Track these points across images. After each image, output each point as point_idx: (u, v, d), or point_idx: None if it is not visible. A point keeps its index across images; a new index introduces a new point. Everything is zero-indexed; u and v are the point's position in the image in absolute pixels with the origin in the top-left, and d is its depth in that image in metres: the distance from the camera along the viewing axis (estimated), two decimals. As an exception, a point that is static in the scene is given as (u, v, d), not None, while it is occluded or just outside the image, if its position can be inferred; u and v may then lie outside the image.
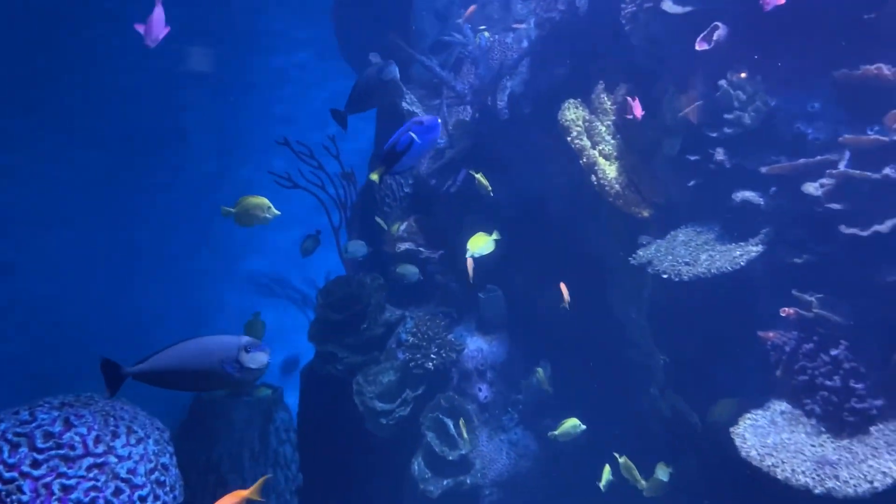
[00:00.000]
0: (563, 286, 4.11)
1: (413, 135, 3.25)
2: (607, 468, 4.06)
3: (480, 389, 4.89)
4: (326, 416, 5.23)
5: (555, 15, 4.38)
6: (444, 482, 4.56)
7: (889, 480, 2.71)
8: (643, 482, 3.91)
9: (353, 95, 3.85)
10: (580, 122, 4.11)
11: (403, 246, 5.38)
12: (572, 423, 4.24)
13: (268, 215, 3.83)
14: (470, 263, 4.28)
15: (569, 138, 4.10)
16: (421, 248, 5.37)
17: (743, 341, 3.57)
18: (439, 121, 3.42)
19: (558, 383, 4.88)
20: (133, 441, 3.46)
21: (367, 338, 5.16)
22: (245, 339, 2.77)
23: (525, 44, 4.73)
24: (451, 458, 4.55)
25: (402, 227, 5.45)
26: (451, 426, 4.64)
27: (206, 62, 8.33)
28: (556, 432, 4.27)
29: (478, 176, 4.43)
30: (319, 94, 8.86)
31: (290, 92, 9.22)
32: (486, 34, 4.90)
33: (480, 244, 4.30)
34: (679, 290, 3.74)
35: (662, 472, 3.85)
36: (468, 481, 4.56)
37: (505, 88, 4.85)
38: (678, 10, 3.46)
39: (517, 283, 5.11)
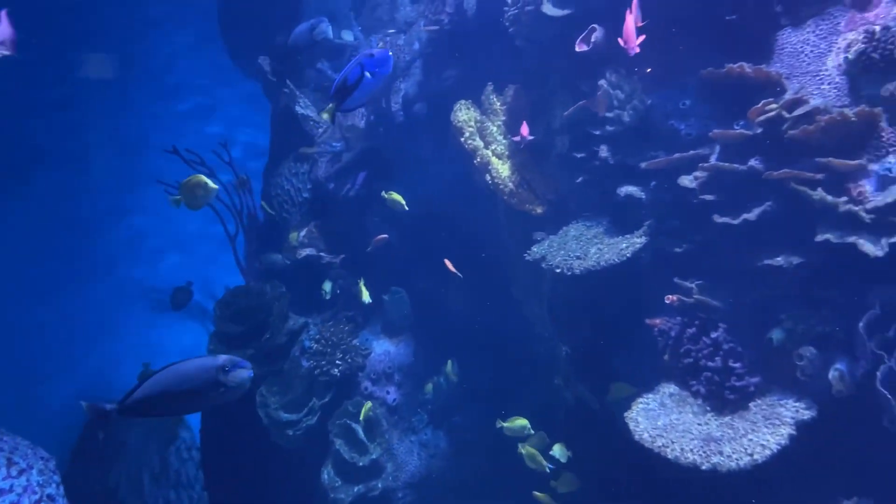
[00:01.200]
0: (447, 262, 4.17)
1: (368, 74, 3.07)
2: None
3: (389, 392, 4.89)
4: (230, 431, 5.07)
5: (443, 18, 4.43)
6: (356, 489, 4.53)
7: (767, 452, 2.89)
8: (546, 465, 3.98)
9: (286, 51, 3.73)
10: (472, 123, 4.17)
11: (304, 252, 5.30)
12: (521, 424, 4.24)
13: (211, 189, 3.71)
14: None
15: (462, 139, 4.15)
16: (322, 254, 5.30)
17: (635, 329, 3.72)
18: (391, 53, 3.27)
19: (467, 380, 4.94)
20: (14, 473, 3.24)
21: (269, 348, 5.04)
22: (221, 358, 2.74)
23: (416, 46, 4.75)
24: (361, 463, 4.52)
25: (303, 232, 5.36)
26: (360, 432, 4.61)
27: (98, 69, 7.91)
28: (505, 424, 4.23)
29: (390, 195, 4.40)
30: (207, 101, 8.58)
31: (174, 98, 8.87)
32: (381, 43, 4.89)
33: None
34: (575, 282, 3.85)
35: (560, 453, 3.94)
36: (379, 486, 4.55)
37: (399, 90, 4.85)
38: (558, 12, 3.57)
39: (421, 284, 5.13)
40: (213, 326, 5.08)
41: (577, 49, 3.49)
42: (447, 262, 4.20)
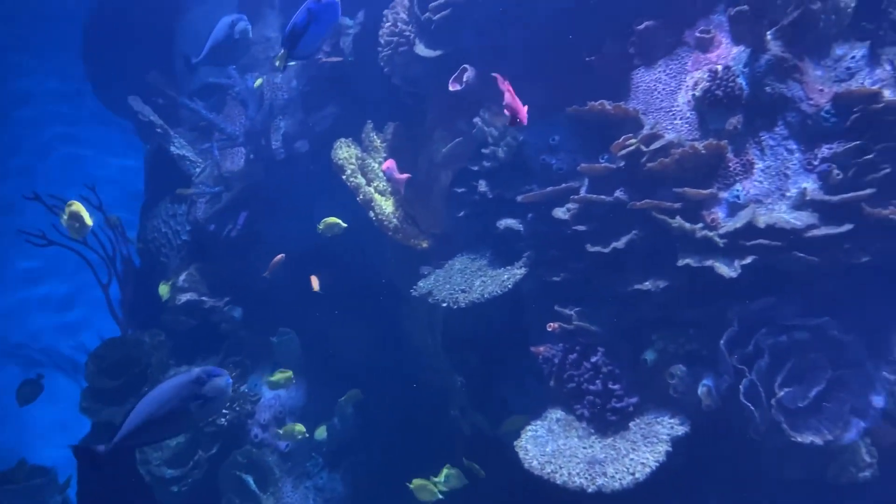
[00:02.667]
0: (313, 279, 4.20)
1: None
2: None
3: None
4: (110, 493, 4.73)
5: (321, 56, 4.43)
6: (248, 543, 4.33)
7: (647, 470, 3.02)
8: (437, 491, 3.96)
9: (207, 47, 3.64)
10: (353, 161, 4.17)
11: (185, 297, 5.08)
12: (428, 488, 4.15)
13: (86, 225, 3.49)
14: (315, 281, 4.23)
15: (344, 176, 4.15)
16: (204, 298, 5.10)
17: (522, 357, 3.81)
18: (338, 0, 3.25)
19: (363, 418, 4.87)
20: None
21: (150, 401, 4.76)
22: (195, 372, 2.75)
23: (295, 84, 4.72)
24: (253, 516, 4.34)
25: (182, 277, 5.14)
26: (251, 482, 4.43)
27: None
28: (440, 481, 4.11)
29: (326, 222, 4.32)
30: (73, 144, 8.11)
31: (39, 142, 8.33)
32: (259, 80, 4.82)
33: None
34: (464, 314, 3.91)
35: (454, 478, 3.94)
36: (273, 537, 4.38)
37: (279, 129, 4.79)
38: (430, 53, 3.66)
39: (311, 323, 5.03)
40: (86, 382, 4.75)
41: (450, 89, 3.58)
42: (313, 278, 4.19)
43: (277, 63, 3.30)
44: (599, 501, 3.06)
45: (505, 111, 2.93)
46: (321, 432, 4.62)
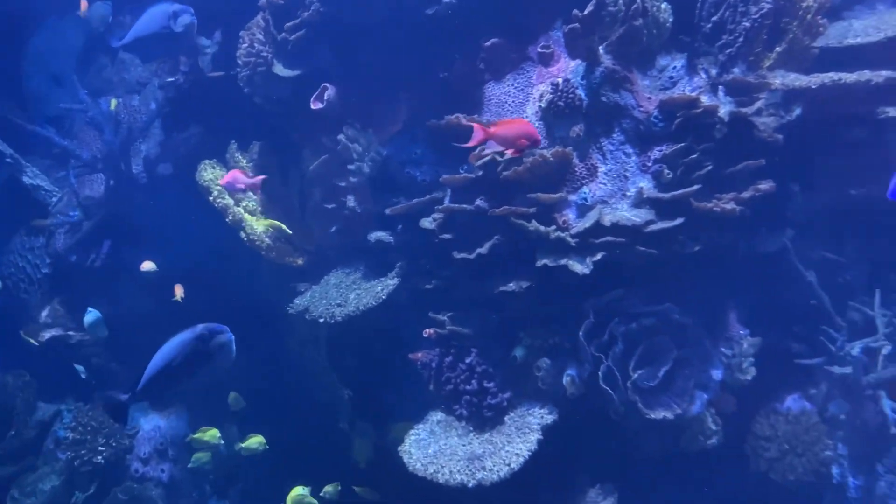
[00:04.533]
0: (177, 287, 4.21)
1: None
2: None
3: (163, 470, 4.59)
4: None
5: (179, 77, 4.35)
6: (134, 582, 4.18)
7: (522, 459, 3.22)
8: None
9: (131, 35, 3.40)
10: (219, 182, 4.13)
11: (49, 333, 4.82)
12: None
13: None
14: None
15: (210, 198, 4.10)
16: (71, 332, 4.86)
17: (403, 365, 3.92)
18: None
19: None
20: None
21: (17, 445, 4.51)
22: (198, 328, 2.80)
23: (153, 106, 4.60)
24: (138, 553, 4.19)
25: (45, 312, 4.88)
26: (135, 518, 4.28)
27: None
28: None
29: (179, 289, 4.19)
30: None
31: None
32: (113, 101, 4.65)
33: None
34: (346, 328, 3.98)
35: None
36: (162, 573, 4.25)
37: (139, 152, 4.66)
38: (288, 73, 3.71)
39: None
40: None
41: (312, 107, 3.64)
42: (177, 287, 4.13)
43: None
44: (480, 494, 3.23)
45: (508, 152, 3.03)
46: (200, 458, 4.50)
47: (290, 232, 4.04)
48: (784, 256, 3.49)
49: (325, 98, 3.62)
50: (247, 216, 4.16)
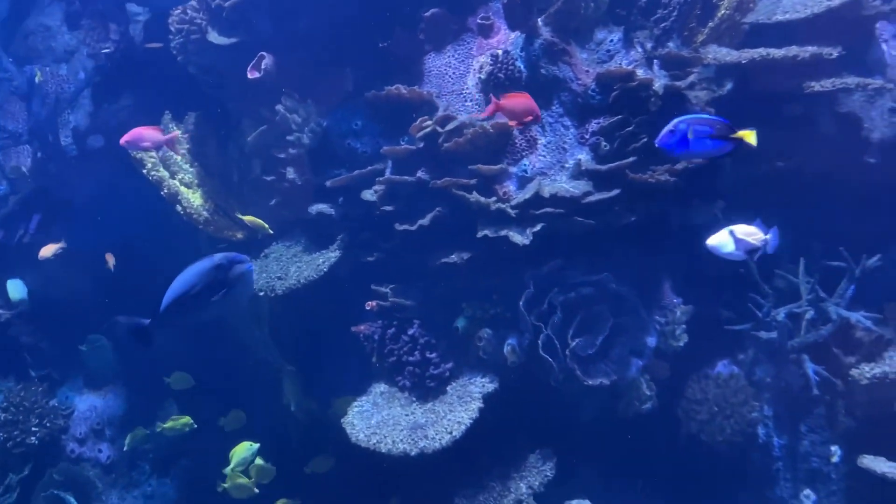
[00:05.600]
0: (108, 255, 4.14)
1: None
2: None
3: (101, 450, 4.49)
4: None
5: (109, 46, 4.18)
6: (72, 563, 4.10)
7: (463, 427, 3.27)
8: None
9: None
10: (154, 153, 4.01)
11: (-25, 312, 4.62)
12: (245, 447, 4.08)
13: None
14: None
15: (144, 171, 3.97)
16: (0, 311, 4.68)
17: (345, 338, 3.91)
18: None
19: (192, 418, 4.74)
20: None
21: (-57, 430, 4.32)
22: (217, 257, 2.72)
23: (82, 76, 4.42)
24: (76, 534, 4.11)
25: (-30, 291, 4.67)
26: (72, 499, 4.19)
27: None
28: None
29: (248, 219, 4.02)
30: None
31: None
32: (38, 72, 4.44)
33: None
34: (287, 302, 3.94)
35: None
36: (101, 553, 4.18)
37: (68, 123, 4.47)
38: (224, 40, 3.61)
39: (123, 327, 4.78)
40: None
41: (249, 76, 3.56)
42: (108, 256, 4.04)
43: None
44: (424, 462, 3.28)
45: (511, 123, 3.04)
46: (136, 434, 4.39)
47: (272, 231, 3.94)
48: (715, 227, 3.60)
49: (263, 67, 3.54)
50: (183, 189, 4.05)
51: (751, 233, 2.96)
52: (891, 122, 3.51)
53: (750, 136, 2.57)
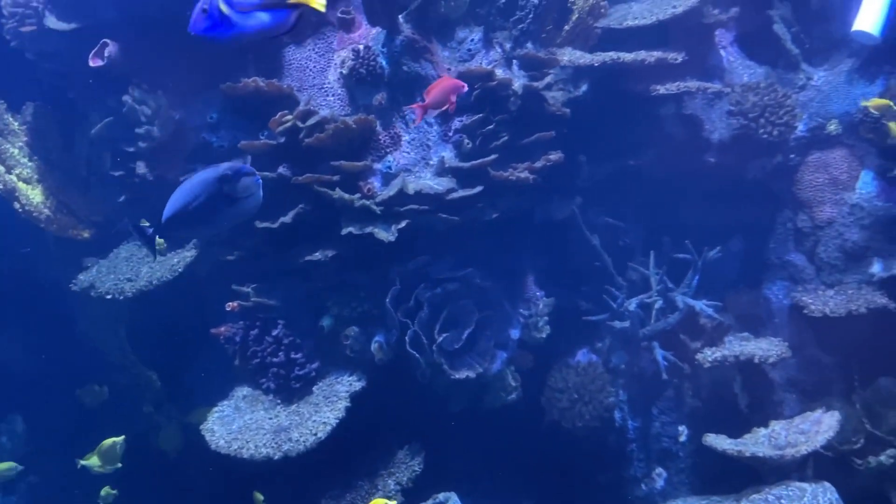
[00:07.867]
0: None
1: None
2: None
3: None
4: None
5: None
6: None
7: (329, 428, 3.21)
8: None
9: None
10: (-15, 147, 3.66)
11: None
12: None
13: None
14: None
15: (-26, 166, 3.62)
16: None
17: (206, 341, 3.75)
18: None
19: (38, 433, 4.40)
20: None
21: None
22: (222, 167, 2.52)
23: None
24: None
25: None
26: None
27: None
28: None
29: None
30: None
31: None
32: None
33: None
34: (144, 306, 3.73)
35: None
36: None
37: None
38: (63, 26, 3.34)
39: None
40: None
41: (91, 64, 3.31)
42: None
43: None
44: (288, 465, 3.19)
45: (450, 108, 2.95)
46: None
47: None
48: (573, 222, 3.76)
49: (106, 55, 3.30)
50: (21, 185, 3.73)
51: None
52: (728, 124, 3.78)
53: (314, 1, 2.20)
